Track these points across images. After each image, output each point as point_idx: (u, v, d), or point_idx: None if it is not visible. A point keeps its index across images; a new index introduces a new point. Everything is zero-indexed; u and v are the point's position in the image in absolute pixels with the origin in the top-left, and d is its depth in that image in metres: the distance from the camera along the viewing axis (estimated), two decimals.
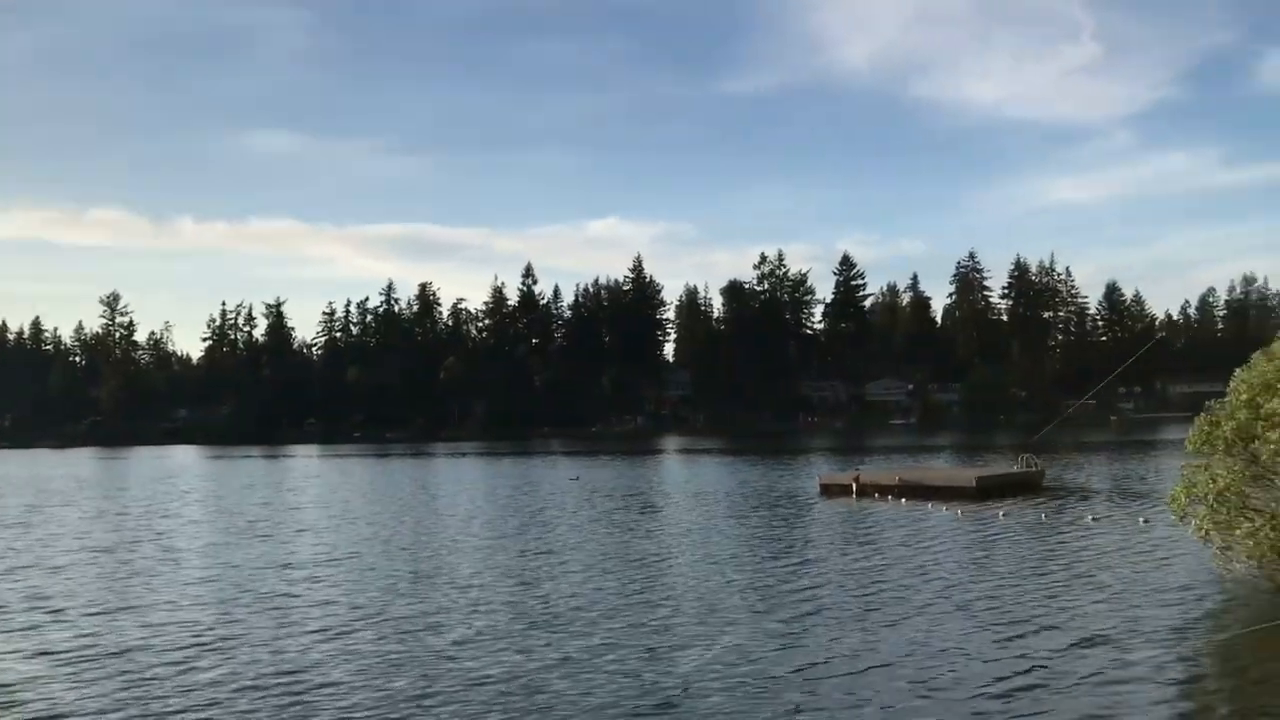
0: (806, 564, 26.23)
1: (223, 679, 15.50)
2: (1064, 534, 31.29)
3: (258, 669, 16.09)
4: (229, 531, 37.06)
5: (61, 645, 18.25)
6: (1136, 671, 14.85)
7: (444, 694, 14.37)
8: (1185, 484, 21.57)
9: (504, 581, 24.19)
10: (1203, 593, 20.81)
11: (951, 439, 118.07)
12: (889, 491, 44.65)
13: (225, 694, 14.65)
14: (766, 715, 13.14)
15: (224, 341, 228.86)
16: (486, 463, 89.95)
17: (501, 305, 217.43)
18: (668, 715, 13.13)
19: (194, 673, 15.98)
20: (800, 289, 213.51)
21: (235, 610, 21.18)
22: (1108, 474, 56.79)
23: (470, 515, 41.11)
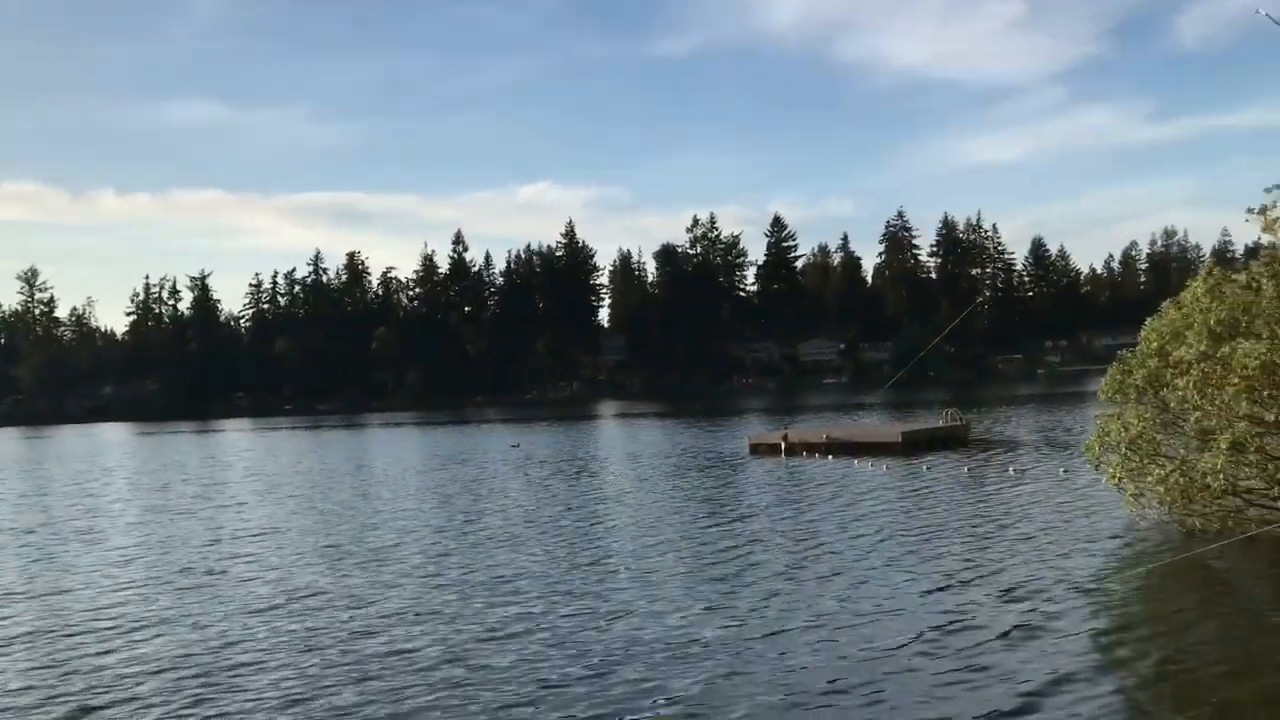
0: (735, 524, 26.32)
1: (144, 659, 15.00)
2: (987, 486, 31.81)
3: (182, 649, 15.58)
4: (155, 509, 36.24)
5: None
6: (1052, 620, 15.04)
7: (372, 668, 14.03)
8: (1099, 433, 22.00)
9: (436, 552, 23.85)
10: (1117, 539, 21.24)
11: (882, 397, 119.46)
12: (817, 449, 45.09)
13: (146, 675, 14.15)
14: (698, 678, 13.11)
15: (149, 316, 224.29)
16: (421, 433, 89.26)
17: (432, 273, 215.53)
18: (598, 683, 13.03)
19: (113, 654, 15.46)
20: (733, 251, 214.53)
21: (160, 589, 20.56)
22: (1032, 426, 57.89)
23: (405, 486, 40.72)
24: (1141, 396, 21.24)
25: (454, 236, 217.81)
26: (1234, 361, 18.51)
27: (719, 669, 13.40)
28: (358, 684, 13.40)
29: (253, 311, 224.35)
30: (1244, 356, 18.26)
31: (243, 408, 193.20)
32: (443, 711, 12.26)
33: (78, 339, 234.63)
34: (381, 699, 12.79)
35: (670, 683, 12.92)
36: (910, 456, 41.61)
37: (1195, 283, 20.94)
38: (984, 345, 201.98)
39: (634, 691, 12.66)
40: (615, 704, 12.23)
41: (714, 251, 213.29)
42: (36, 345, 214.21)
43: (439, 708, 12.37)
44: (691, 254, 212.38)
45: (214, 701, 12.99)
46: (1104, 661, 13.28)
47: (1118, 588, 17.40)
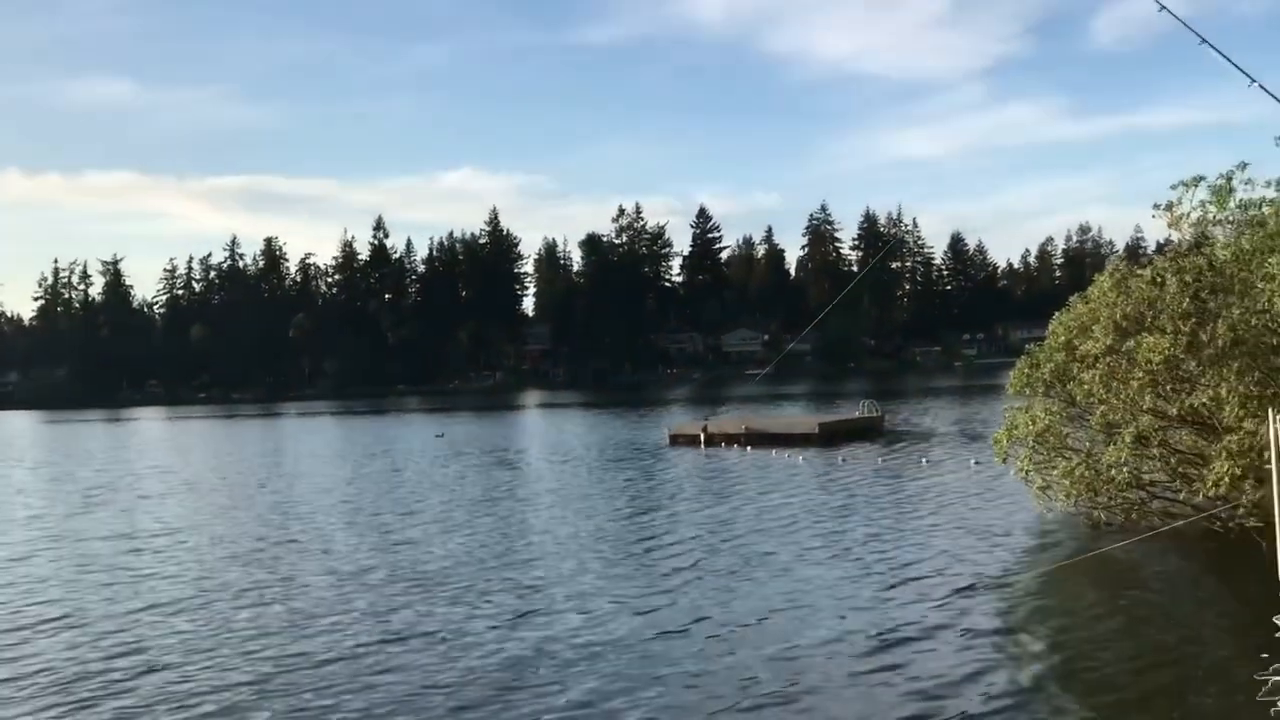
0: (649, 516, 26.12)
1: (52, 664, 14.11)
2: (900, 478, 32.04)
3: (91, 650, 14.72)
4: (63, 501, 34.85)
5: None
6: (961, 614, 14.99)
7: (289, 671, 13.33)
8: (1007, 426, 22.13)
9: (357, 547, 22.93)
10: (1025, 532, 21.44)
11: (805, 388, 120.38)
12: (736, 440, 45.15)
13: (56, 679, 13.33)
14: (603, 679, 12.77)
15: (58, 301, 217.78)
16: (340, 422, 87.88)
17: (352, 260, 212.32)
18: (499, 686, 12.54)
19: (20, 660, 14.61)
20: (658, 242, 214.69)
21: (68, 587, 19.57)
22: (947, 417, 58.69)
23: (324, 477, 39.84)
24: (1049, 390, 21.38)
25: (374, 222, 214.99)
26: (1138, 356, 18.66)
27: (624, 668, 13.06)
28: (275, 690, 12.78)
29: (167, 297, 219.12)
30: (1148, 351, 18.41)
31: (156, 396, 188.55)
32: (334, 714, 11.81)
33: None
34: (277, 700, 12.28)
35: (573, 684, 12.55)
36: (827, 447, 41.85)
37: (1102, 278, 21.14)
38: (903, 337, 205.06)
39: (537, 694, 12.27)
40: (515, 708, 11.84)
41: (639, 242, 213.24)
42: None
43: (336, 711, 11.90)
44: (617, 244, 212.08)
45: (101, 704, 12.33)
46: (1013, 656, 13.23)
47: (1025, 582, 17.46)
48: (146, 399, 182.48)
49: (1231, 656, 12.57)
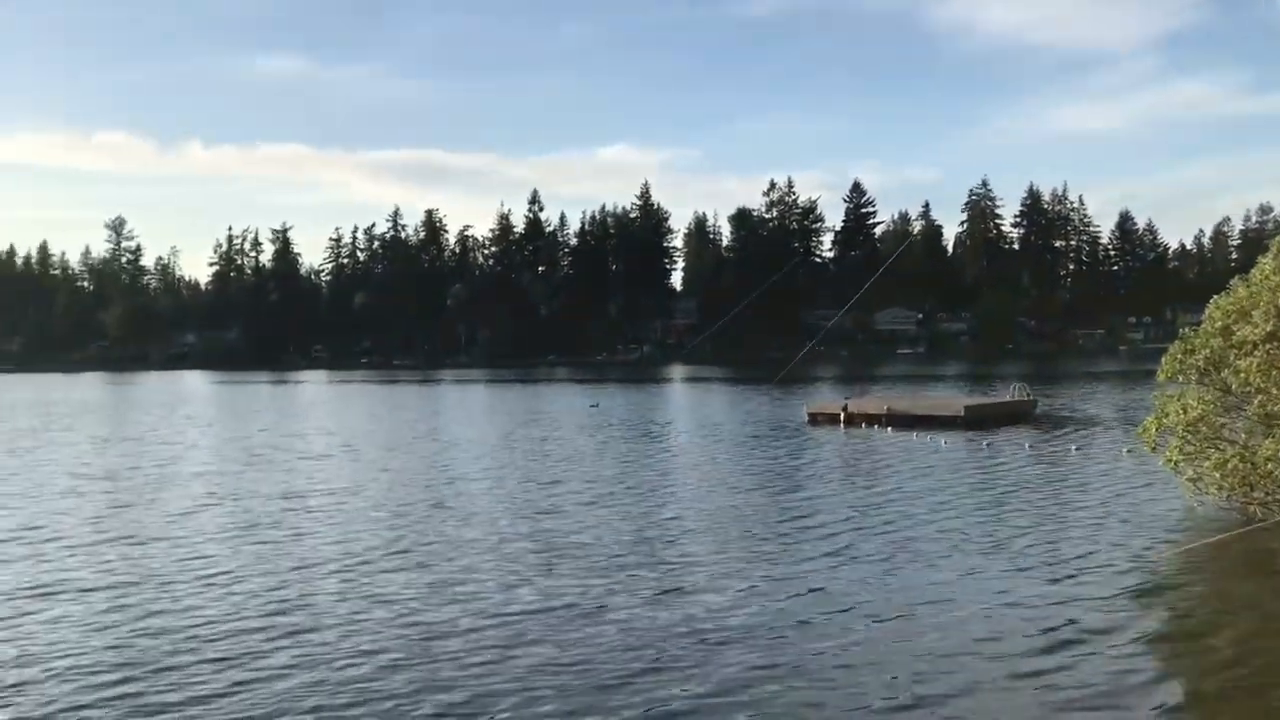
0: (788, 497, 25.94)
1: (220, 617, 14.66)
2: (1044, 465, 30.95)
3: (257, 605, 15.26)
4: (239, 460, 36.26)
5: (47, 579, 17.35)
6: (1100, 611, 14.34)
7: (430, 639, 13.56)
8: (1157, 414, 21.17)
9: (508, 516, 23.12)
10: (1172, 526, 20.42)
11: (958, 369, 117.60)
12: (876, 420, 44.31)
13: (222, 632, 13.89)
14: (742, 667, 12.62)
15: (231, 267, 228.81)
16: (494, 390, 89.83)
17: (508, 233, 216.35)
18: (664, 670, 12.28)
19: (193, 610, 15.15)
20: (809, 217, 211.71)
21: (239, 543, 20.19)
22: (1105, 404, 56.34)
23: (479, 443, 40.66)
24: (1203, 377, 20.32)
25: (530, 196, 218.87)
26: None
27: (763, 656, 12.69)
28: (395, 651, 13.08)
29: (332, 266, 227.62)
30: None
31: (321, 360, 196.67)
32: (459, 688, 12.10)
33: (162, 288, 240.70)
34: (415, 666, 12.61)
35: (710, 668, 12.26)
36: (973, 431, 40.70)
37: (1265, 259, 19.94)
38: (1065, 319, 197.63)
39: (674, 675, 12.07)
40: (648, 690, 11.79)
41: (790, 216, 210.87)
42: (123, 293, 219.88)
43: (472, 679, 12.15)
44: (767, 218, 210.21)
45: (247, 662, 12.80)
46: (1165, 657, 12.69)
47: (1174, 578, 16.62)
48: (312, 363, 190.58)
49: None
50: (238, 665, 12.56)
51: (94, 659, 12.82)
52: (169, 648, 13.31)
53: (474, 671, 12.25)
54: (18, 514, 24.34)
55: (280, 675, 12.15)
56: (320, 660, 12.74)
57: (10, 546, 20.31)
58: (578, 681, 11.87)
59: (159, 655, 12.97)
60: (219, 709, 11.09)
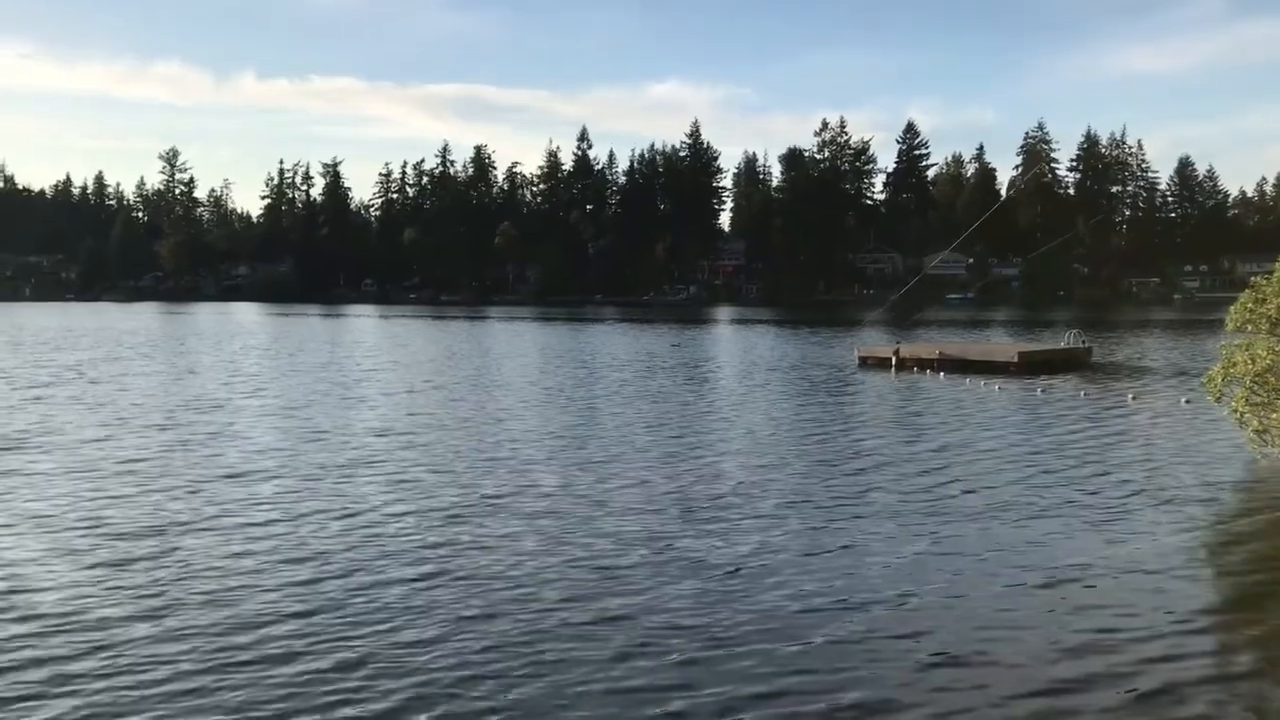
0: (837, 442, 25.95)
1: (275, 554, 14.66)
2: (1100, 413, 30.58)
3: (316, 545, 15.19)
4: (306, 393, 36.56)
5: (112, 518, 17.46)
6: (1158, 565, 14.25)
7: (489, 581, 13.64)
8: (1224, 364, 20.86)
9: (550, 461, 23.26)
10: (1234, 479, 20.17)
11: (1009, 315, 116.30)
12: (928, 365, 43.99)
13: (275, 567, 14.04)
14: (810, 619, 12.81)
15: (282, 200, 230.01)
16: (546, 328, 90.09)
17: (556, 170, 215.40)
18: (703, 610, 12.47)
19: (247, 552, 15.16)
20: (861, 158, 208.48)
21: (298, 482, 19.96)
22: (1160, 353, 55.57)
23: (528, 388, 40.97)
24: (1275, 328, 19.96)
25: (579, 134, 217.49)
26: None
27: (805, 604, 12.81)
28: (433, 587, 13.44)
29: (381, 201, 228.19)
30: None
31: (370, 294, 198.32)
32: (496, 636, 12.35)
33: (215, 220, 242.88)
34: (462, 608, 12.92)
35: (746, 609, 12.63)
36: (1026, 378, 40.33)
37: None
38: (1120, 267, 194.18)
39: (712, 615, 12.39)
40: (680, 631, 12.07)
41: (842, 157, 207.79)
42: (176, 224, 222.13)
43: (523, 611, 12.44)
44: (819, 159, 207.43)
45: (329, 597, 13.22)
46: (1222, 614, 12.54)
47: (1235, 532, 16.53)
48: (361, 296, 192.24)
49: None
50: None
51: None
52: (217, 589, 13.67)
53: (512, 607, 12.47)
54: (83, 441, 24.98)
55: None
56: (358, 591, 13.03)
57: (71, 481, 20.83)
58: (648, 620, 12.09)
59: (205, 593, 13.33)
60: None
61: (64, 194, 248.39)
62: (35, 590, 12.78)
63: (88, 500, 17.87)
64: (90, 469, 20.91)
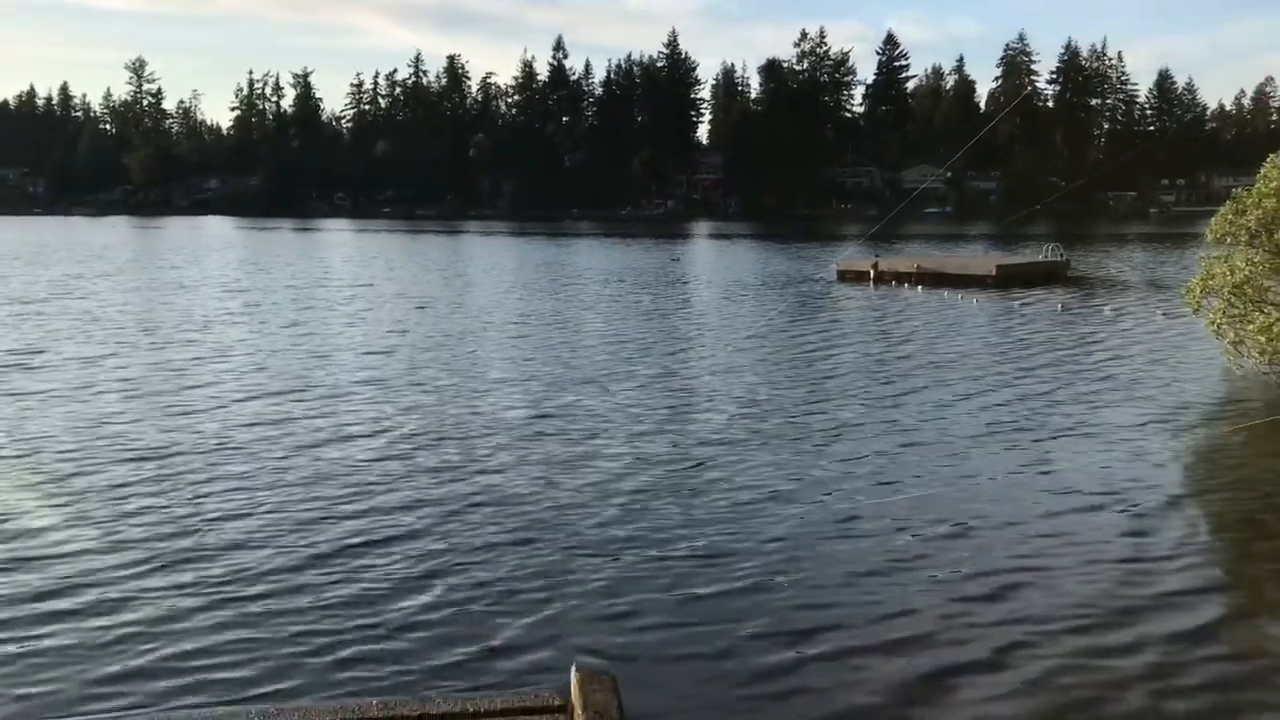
0: (813, 356, 26.03)
1: (246, 479, 14.06)
2: (1079, 326, 30.73)
3: (283, 475, 14.43)
4: (281, 309, 36.47)
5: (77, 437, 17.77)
6: (1128, 476, 14.38)
7: (434, 505, 13.44)
8: (1203, 275, 20.91)
9: (529, 378, 23.65)
10: (1209, 390, 20.36)
11: (986, 229, 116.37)
12: (906, 279, 44.04)
13: (250, 490, 13.58)
14: (766, 528, 12.92)
15: (253, 112, 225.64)
16: (531, 244, 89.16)
17: (531, 81, 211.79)
18: (704, 529, 12.37)
19: (217, 477, 14.71)
20: (841, 70, 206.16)
21: (272, 403, 19.30)
22: (1137, 266, 55.83)
23: (525, 304, 40.82)
24: (1254, 240, 19.97)
25: (554, 43, 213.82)
26: None
27: (771, 522, 12.89)
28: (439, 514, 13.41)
29: (354, 113, 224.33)
30: None
31: (343, 208, 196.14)
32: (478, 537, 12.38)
33: (185, 132, 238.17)
34: (442, 532, 12.93)
35: (716, 526, 12.73)
36: (1004, 290, 40.44)
37: None
38: (1097, 180, 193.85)
39: (679, 536, 12.53)
40: (646, 544, 12.16)
41: (821, 69, 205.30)
42: (145, 137, 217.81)
43: (488, 547, 12.46)
44: (798, 70, 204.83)
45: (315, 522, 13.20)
46: (1189, 522, 12.57)
47: (1207, 441, 16.71)
48: (334, 210, 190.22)
49: None
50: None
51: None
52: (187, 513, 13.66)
53: (478, 537, 12.51)
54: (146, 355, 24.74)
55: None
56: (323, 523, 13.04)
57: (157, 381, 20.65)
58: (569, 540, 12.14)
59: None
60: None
61: (28, 105, 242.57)
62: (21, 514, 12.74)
63: (85, 421, 17.58)
64: (88, 386, 20.61)
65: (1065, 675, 8.35)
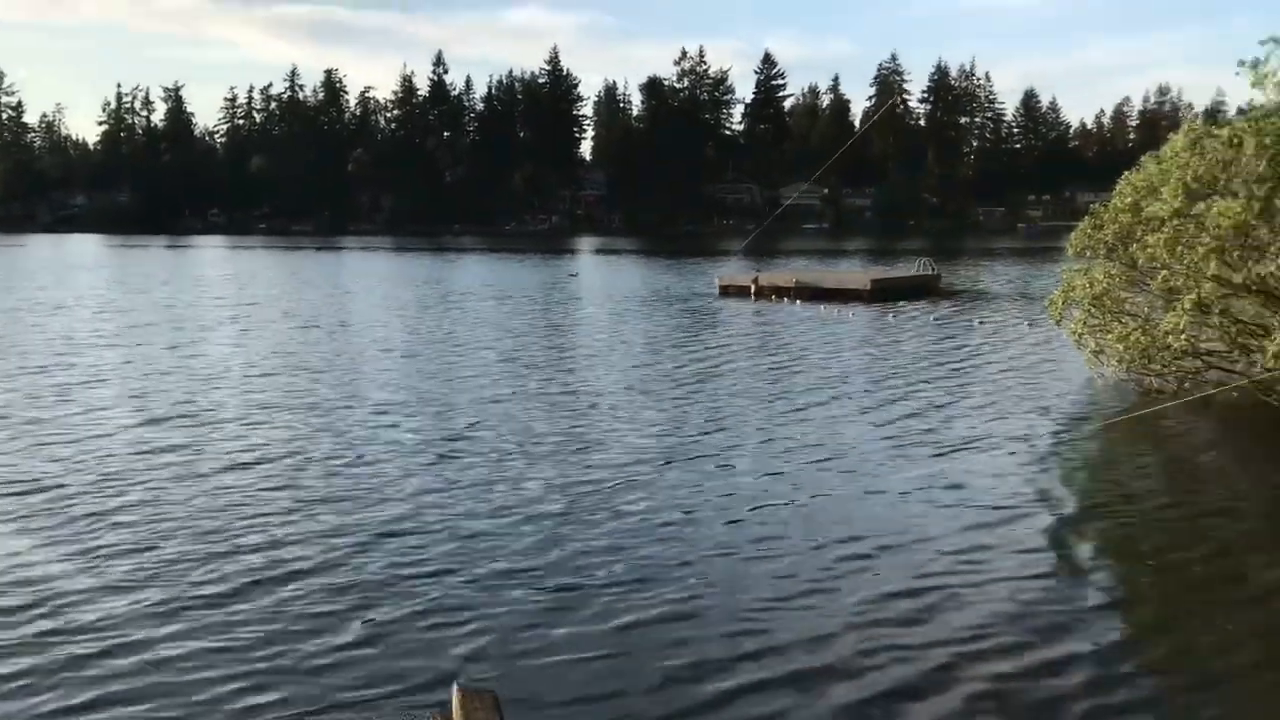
0: (689, 369, 26.20)
1: (131, 512, 13.35)
2: (948, 336, 31.63)
3: (167, 512, 13.56)
4: (144, 331, 35.14)
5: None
6: (992, 476, 14.87)
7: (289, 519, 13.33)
8: (1064, 287, 21.71)
9: (411, 385, 23.28)
10: (1071, 396, 21.16)
11: (863, 244, 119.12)
12: (785, 293, 44.80)
13: (134, 524, 13.00)
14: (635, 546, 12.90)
15: (121, 126, 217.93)
16: (408, 259, 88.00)
17: (411, 95, 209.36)
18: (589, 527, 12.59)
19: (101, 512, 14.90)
20: (720, 88, 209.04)
21: (147, 431, 18.37)
22: (1004, 279, 57.76)
23: (401, 322, 40.20)
24: (1111, 252, 20.82)
25: (434, 58, 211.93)
26: (1208, 220, 18.05)
27: (650, 529, 13.04)
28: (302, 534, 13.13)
29: (228, 127, 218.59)
30: (1218, 215, 17.78)
31: (217, 224, 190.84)
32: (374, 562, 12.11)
33: (48, 146, 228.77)
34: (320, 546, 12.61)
35: (598, 530, 12.72)
36: (878, 304, 41.41)
37: (1177, 137, 20.31)
38: (967, 196, 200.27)
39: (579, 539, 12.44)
40: (527, 565, 12.05)
41: (701, 87, 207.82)
42: (5, 151, 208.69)
43: (381, 556, 12.20)
44: (679, 88, 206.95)
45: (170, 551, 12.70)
46: (1051, 516, 13.07)
47: (1068, 444, 17.34)
48: (207, 227, 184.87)
49: (1273, 512, 12.70)
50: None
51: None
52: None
53: (393, 558, 12.26)
54: None
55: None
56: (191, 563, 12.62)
57: None
58: (496, 551, 11.99)
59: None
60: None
61: None
62: None
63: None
64: None
65: (990, 699, 8.28)
